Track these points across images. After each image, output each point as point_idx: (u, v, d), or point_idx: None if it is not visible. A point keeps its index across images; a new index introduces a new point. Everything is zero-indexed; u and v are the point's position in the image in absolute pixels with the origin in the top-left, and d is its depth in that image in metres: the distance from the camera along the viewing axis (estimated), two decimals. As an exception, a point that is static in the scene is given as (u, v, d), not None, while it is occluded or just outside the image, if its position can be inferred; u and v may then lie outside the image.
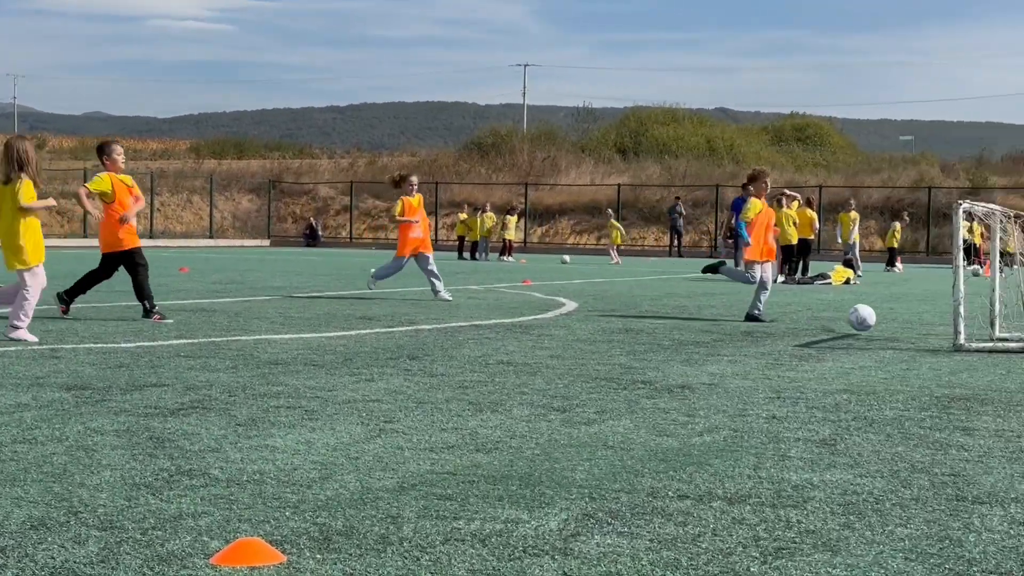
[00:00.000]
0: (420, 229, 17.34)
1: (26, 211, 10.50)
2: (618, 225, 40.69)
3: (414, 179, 17.81)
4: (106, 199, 12.59)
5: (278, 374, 8.32)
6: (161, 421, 6.30)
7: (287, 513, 4.37)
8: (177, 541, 3.96)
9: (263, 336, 10.93)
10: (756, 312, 14.21)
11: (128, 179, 12.91)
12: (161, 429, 6.06)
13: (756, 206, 14.49)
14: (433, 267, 16.88)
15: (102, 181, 12.61)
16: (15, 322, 10.27)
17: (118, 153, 12.84)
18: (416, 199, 17.42)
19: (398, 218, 17.40)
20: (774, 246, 15.01)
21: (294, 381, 7.97)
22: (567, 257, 38.76)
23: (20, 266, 10.48)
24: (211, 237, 53.70)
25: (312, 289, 18.82)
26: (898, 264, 36.88)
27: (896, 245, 37.06)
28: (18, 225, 10.48)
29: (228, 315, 13.21)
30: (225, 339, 10.62)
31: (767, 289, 14.39)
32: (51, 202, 11.28)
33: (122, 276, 12.85)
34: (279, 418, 6.47)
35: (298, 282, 20.86)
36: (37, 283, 10.48)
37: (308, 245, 53.45)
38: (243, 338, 10.75)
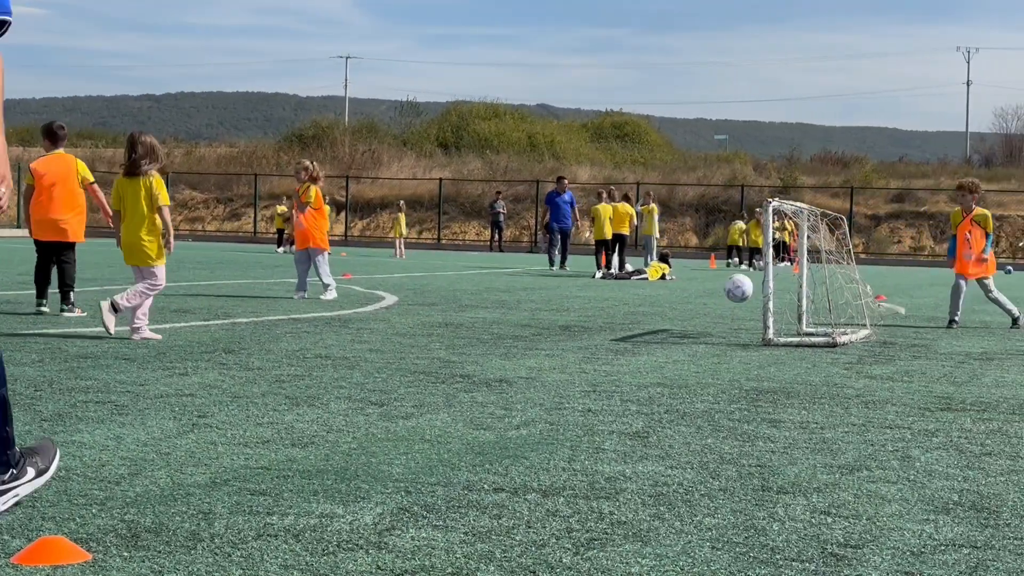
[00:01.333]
0: (302, 221, 15.91)
1: (158, 209, 10.30)
2: (403, 219, 40.65)
3: (303, 165, 16.22)
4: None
5: (87, 368, 8.09)
6: (-39, 417, 6.06)
7: (93, 510, 4.26)
8: (-24, 541, 3.82)
9: (72, 329, 10.62)
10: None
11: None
12: (-39, 425, 5.83)
13: (954, 217, 14.12)
14: (314, 266, 15.82)
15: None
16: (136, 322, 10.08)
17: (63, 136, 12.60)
18: (299, 188, 16.05)
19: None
20: (969, 260, 13.72)
21: (104, 375, 7.76)
22: (344, 252, 38.54)
23: (145, 262, 10.26)
24: (18, 227, 51.84)
25: (126, 282, 18.34)
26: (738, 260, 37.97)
27: (741, 243, 38.18)
28: (147, 221, 10.28)
29: (35, 307, 12.78)
30: (31, 332, 10.28)
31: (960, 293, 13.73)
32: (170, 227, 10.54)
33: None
34: (87, 413, 6.29)
35: (111, 274, 20.32)
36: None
37: (122, 236, 52.06)
38: (51, 331, 10.43)
